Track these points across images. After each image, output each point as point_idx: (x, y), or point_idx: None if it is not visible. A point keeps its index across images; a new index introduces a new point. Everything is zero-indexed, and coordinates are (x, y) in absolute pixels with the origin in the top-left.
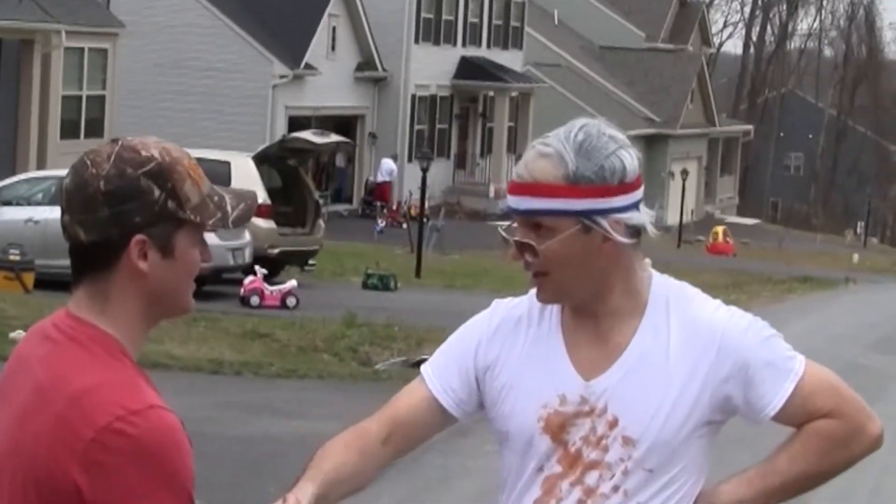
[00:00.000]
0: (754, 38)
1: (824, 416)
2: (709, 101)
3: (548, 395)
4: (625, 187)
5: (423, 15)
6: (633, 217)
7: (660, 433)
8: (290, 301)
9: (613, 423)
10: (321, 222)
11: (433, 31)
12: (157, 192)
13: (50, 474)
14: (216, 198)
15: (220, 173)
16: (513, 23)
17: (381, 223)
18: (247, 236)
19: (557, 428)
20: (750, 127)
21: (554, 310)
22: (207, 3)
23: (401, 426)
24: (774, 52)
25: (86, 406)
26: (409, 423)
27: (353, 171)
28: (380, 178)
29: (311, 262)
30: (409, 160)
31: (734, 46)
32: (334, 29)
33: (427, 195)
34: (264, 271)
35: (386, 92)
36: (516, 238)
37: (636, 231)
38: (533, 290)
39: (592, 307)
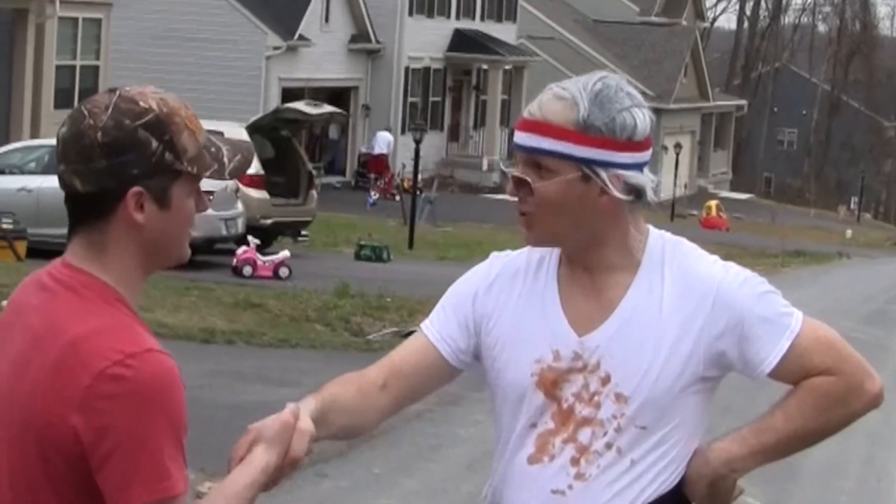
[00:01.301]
0: (748, 12)
1: (822, 373)
2: (702, 75)
3: (542, 350)
4: (632, 145)
5: None
6: (635, 176)
7: (652, 389)
8: (283, 271)
9: (606, 380)
10: (314, 193)
11: (427, 3)
12: (154, 144)
13: (47, 422)
14: (213, 148)
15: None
16: None
17: (374, 195)
18: (239, 206)
19: (551, 384)
20: (743, 102)
21: (551, 262)
22: None
23: (399, 373)
24: (768, 27)
25: (82, 352)
26: (407, 371)
27: (346, 143)
28: (376, 151)
29: (303, 232)
30: (403, 132)
31: (728, 21)
32: (328, 1)
33: (420, 167)
34: (257, 241)
35: (379, 64)
36: (515, 173)
37: (635, 192)
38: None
39: (583, 259)
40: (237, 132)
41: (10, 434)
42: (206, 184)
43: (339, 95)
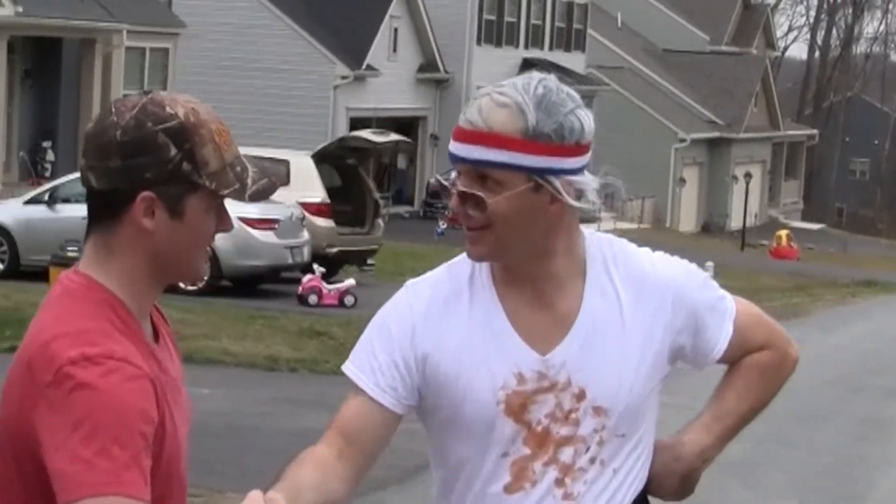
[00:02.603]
0: (819, 41)
1: (759, 348)
2: (773, 104)
3: (504, 375)
4: (580, 148)
5: (486, 16)
6: (583, 181)
7: (629, 398)
8: (348, 300)
9: (581, 396)
10: (380, 222)
11: (495, 32)
12: (173, 151)
13: (17, 420)
14: (238, 168)
15: (278, 172)
16: (575, 25)
17: (443, 224)
18: (305, 235)
19: (518, 408)
20: (815, 131)
21: (483, 279)
22: (269, 4)
23: (349, 439)
24: (840, 56)
25: (48, 352)
26: (355, 435)
27: (414, 172)
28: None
29: (369, 261)
30: None
31: (799, 50)
32: (396, 30)
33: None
34: (322, 270)
35: (447, 93)
36: (461, 188)
37: (581, 197)
38: (445, 265)
39: (528, 270)
40: (303, 161)
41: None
42: (273, 212)
43: (407, 125)
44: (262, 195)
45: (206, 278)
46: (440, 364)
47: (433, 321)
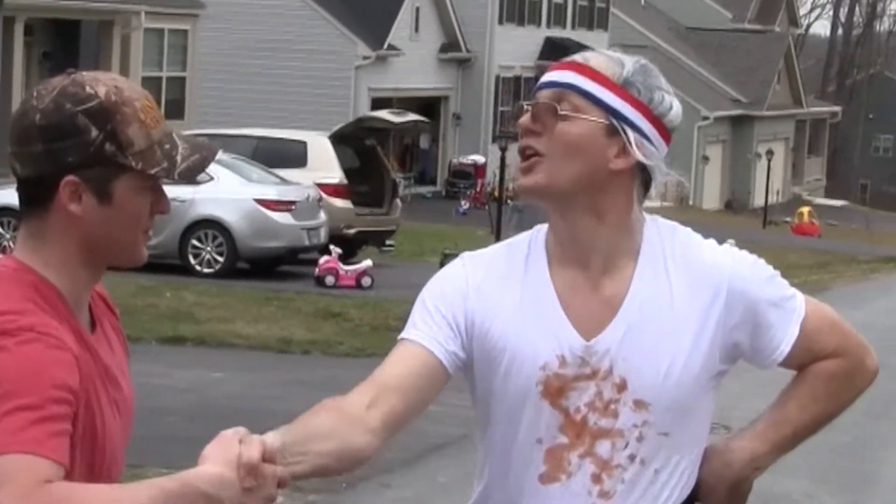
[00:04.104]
0: (842, 18)
1: (829, 355)
2: (796, 82)
3: (546, 356)
4: (662, 125)
5: None
6: (654, 153)
7: (674, 393)
8: (366, 281)
9: (622, 386)
10: (398, 202)
11: (517, 11)
12: (94, 133)
13: None
14: (167, 146)
15: (296, 153)
16: (598, 3)
17: (465, 204)
18: (322, 216)
19: (556, 392)
20: (838, 108)
21: (539, 258)
22: None
23: (386, 388)
24: (863, 33)
25: None
26: (395, 384)
27: (437, 152)
28: (481, 160)
29: (388, 242)
30: (493, 141)
31: (822, 27)
32: (417, 10)
33: (508, 176)
34: (339, 251)
35: (470, 73)
36: (540, 100)
37: (647, 173)
38: (505, 243)
39: (580, 238)
40: (321, 141)
41: None
42: (290, 193)
43: (429, 105)
44: (192, 172)
45: (144, 261)
46: (488, 334)
47: (485, 294)
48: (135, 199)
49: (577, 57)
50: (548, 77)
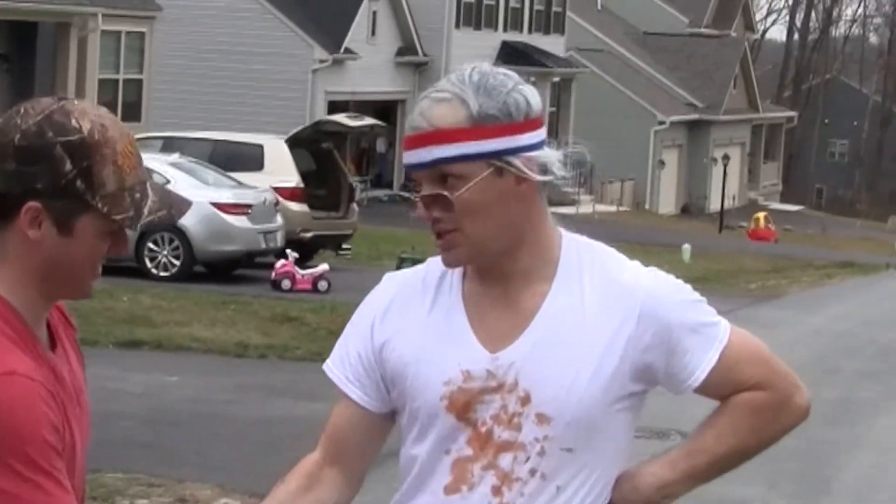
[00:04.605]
0: (798, 24)
1: (752, 387)
2: (752, 87)
3: (450, 371)
4: (531, 123)
5: None
6: (544, 155)
7: (577, 408)
8: (322, 285)
9: (526, 400)
10: (355, 206)
11: (474, 15)
12: (68, 166)
13: None
14: (137, 195)
15: (252, 156)
16: (555, 7)
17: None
18: (279, 220)
19: (463, 406)
20: (794, 113)
21: (455, 277)
22: None
23: (336, 441)
24: (819, 39)
25: None
26: (343, 438)
27: (393, 156)
28: None
29: (345, 245)
30: None
31: (779, 33)
32: (374, 13)
33: None
34: (295, 255)
35: (426, 77)
36: (424, 192)
37: (546, 171)
38: (431, 260)
39: (500, 267)
40: (277, 145)
41: None
42: (246, 196)
43: (386, 109)
44: (156, 225)
45: (91, 297)
46: (393, 353)
47: (394, 311)
48: (93, 239)
49: (423, 123)
50: (412, 159)
